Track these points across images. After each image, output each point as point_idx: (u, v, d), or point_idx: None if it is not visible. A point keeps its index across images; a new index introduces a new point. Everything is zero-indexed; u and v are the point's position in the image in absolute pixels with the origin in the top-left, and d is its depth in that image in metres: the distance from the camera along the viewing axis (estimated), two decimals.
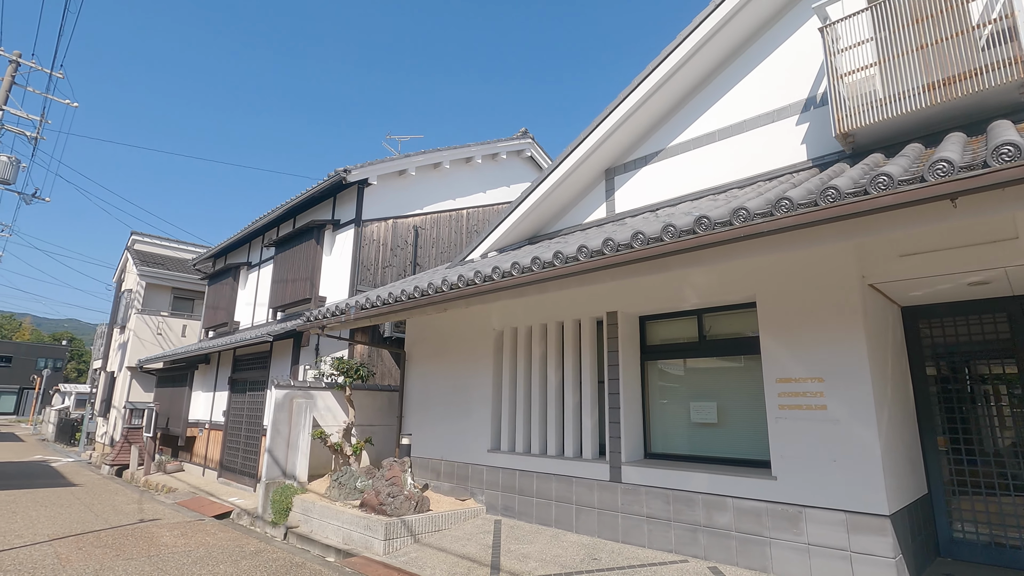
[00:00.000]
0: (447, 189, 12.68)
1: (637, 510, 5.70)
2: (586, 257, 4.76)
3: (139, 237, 20.41)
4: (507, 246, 8.24)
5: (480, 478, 7.46)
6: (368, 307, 7.21)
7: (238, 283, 14.65)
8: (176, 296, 19.31)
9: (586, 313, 6.72)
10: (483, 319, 7.97)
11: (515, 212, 7.85)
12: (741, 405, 5.59)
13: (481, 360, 7.85)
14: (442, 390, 8.37)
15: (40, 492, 10.59)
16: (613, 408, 6.16)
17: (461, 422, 7.94)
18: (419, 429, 8.57)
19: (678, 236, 4.12)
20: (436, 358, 8.61)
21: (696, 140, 6.64)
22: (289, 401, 8.66)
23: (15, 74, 15.17)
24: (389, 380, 10.50)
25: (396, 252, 11.45)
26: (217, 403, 12.35)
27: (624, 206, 7.21)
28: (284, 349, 10.10)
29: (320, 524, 7.17)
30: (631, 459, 6.01)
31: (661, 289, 6.03)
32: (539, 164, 14.76)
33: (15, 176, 14.85)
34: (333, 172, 10.52)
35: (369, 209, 11.06)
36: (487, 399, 7.64)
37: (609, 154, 7.31)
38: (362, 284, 10.60)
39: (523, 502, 6.82)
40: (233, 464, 11.02)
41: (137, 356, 17.26)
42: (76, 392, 26.73)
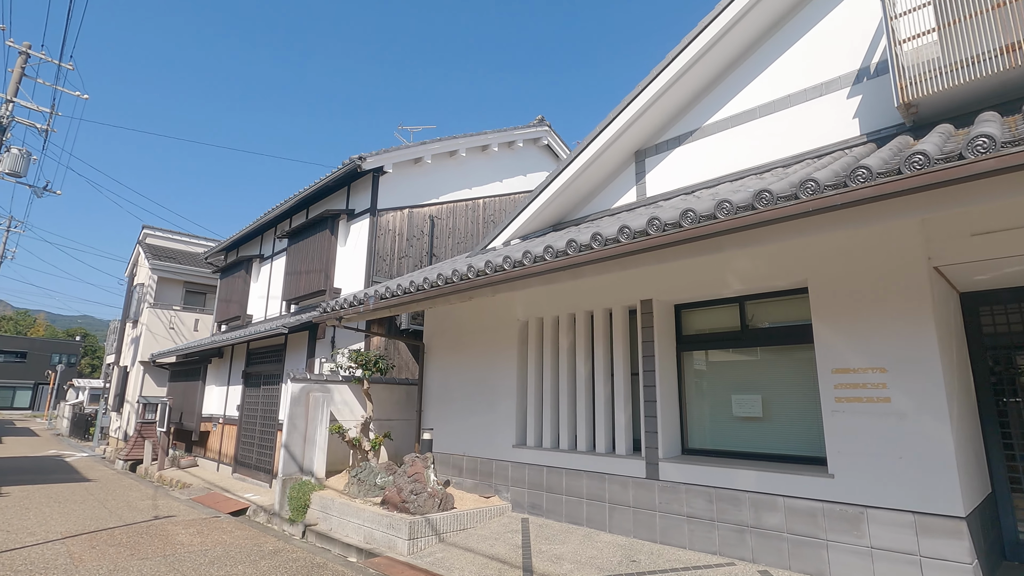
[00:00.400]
0: (463, 178, 12.35)
1: (676, 509, 5.37)
2: (628, 238, 4.41)
3: (150, 231, 20.28)
4: (530, 233, 7.91)
5: (505, 474, 7.16)
6: (388, 296, 6.92)
7: (250, 276, 14.44)
8: (188, 290, 19.17)
9: (618, 302, 6.38)
10: (506, 309, 7.65)
11: (539, 198, 7.52)
12: (789, 398, 5.24)
13: (505, 352, 7.54)
14: (463, 383, 8.08)
15: (54, 488, 10.44)
16: (649, 402, 5.82)
17: (484, 416, 7.65)
18: (439, 424, 8.29)
19: (734, 213, 3.77)
20: (457, 350, 8.31)
21: (735, 118, 6.26)
22: (306, 395, 8.40)
23: (25, 65, 15.00)
24: (406, 373, 10.23)
25: (412, 242, 11.16)
26: (231, 397, 12.15)
27: (656, 189, 6.85)
28: (299, 342, 9.86)
29: (340, 522, 6.91)
30: (668, 455, 5.68)
31: (700, 276, 5.68)
32: (556, 153, 14.40)
33: (26, 169, 14.70)
34: (348, 160, 10.23)
35: (384, 198, 10.77)
36: (512, 392, 7.33)
37: (639, 135, 6.94)
38: (378, 275, 10.32)
39: (552, 500, 6.52)
40: (248, 459, 10.81)
41: (150, 350, 17.14)
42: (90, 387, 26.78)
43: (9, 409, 45.72)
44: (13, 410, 45.72)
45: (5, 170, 14.36)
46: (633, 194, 7.11)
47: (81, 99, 16.13)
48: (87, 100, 16.22)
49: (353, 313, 7.63)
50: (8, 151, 14.47)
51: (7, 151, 14.51)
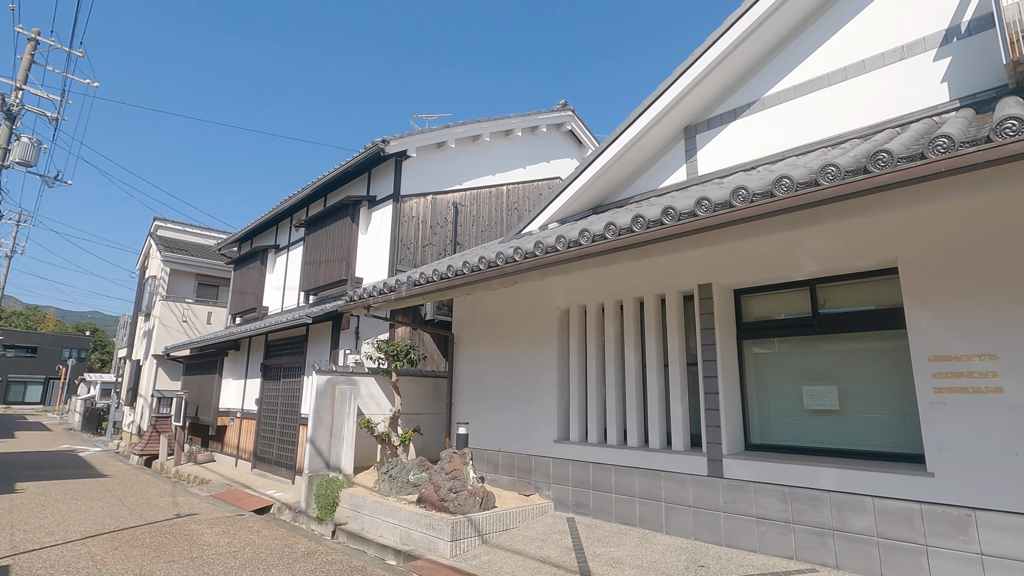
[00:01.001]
0: (487, 164, 11.92)
1: (745, 509, 4.95)
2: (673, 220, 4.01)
3: (162, 223, 19.97)
4: (569, 217, 7.48)
5: (546, 471, 6.76)
6: (423, 282, 6.51)
7: (266, 267, 14.08)
8: (200, 283, 18.85)
9: (671, 287, 5.94)
10: (544, 297, 7.24)
11: (579, 179, 7.08)
12: (872, 389, 4.80)
13: (544, 342, 7.13)
14: (498, 375, 7.68)
15: (70, 484, 10.14)
16: (710, 394, 5.40)
17: (522, 410, 7.25)
18: (472, 418, 7.90)
19: (840, 178, 3.33)
20: (489, 340, 7.91)
21: (800, 87, 5.80)
22: (331, 387, 8.03)
23: (34, 52, 14.66)
24: (431, 365, 9.84)
25: (436, 230, 10.74)
26: (249, 391, 11.81)
27: (710, 167, 6.40)
28: (322, 333, 9.48)
29: (372, 521, 6.54)
30: (732, 451, 5.26)
31: (763, 258, 5.24)
32: (579, 139, 13.95)
33: (37, 158, 14.39)
34: (370, 143, 9.81)
35: (407, 184, 10.35)
36: (552, 384, 6.93)
37: (690, 109, 6.49)
38: (401, 264, 9.92)
39: (599, 498, 6.11)
40: (268, 455, 10.47)
41: (163, 344, 16.83)
42: (101, 381, 26.59)
43: (20, 404, 45.81)
44: (25, 405, 45.82)
45: (15, 159, 14.05)
46: (683, 173, 6.66)
47: (91, 87, 15.80)
48: (97, 88, 15.86)
49: (383, 301, 7.23)
50: (18, 140, 14.14)
51: (17, 140, 14.20)
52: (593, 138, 14.11)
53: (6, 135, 14.13)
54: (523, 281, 5.75)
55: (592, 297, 6.72)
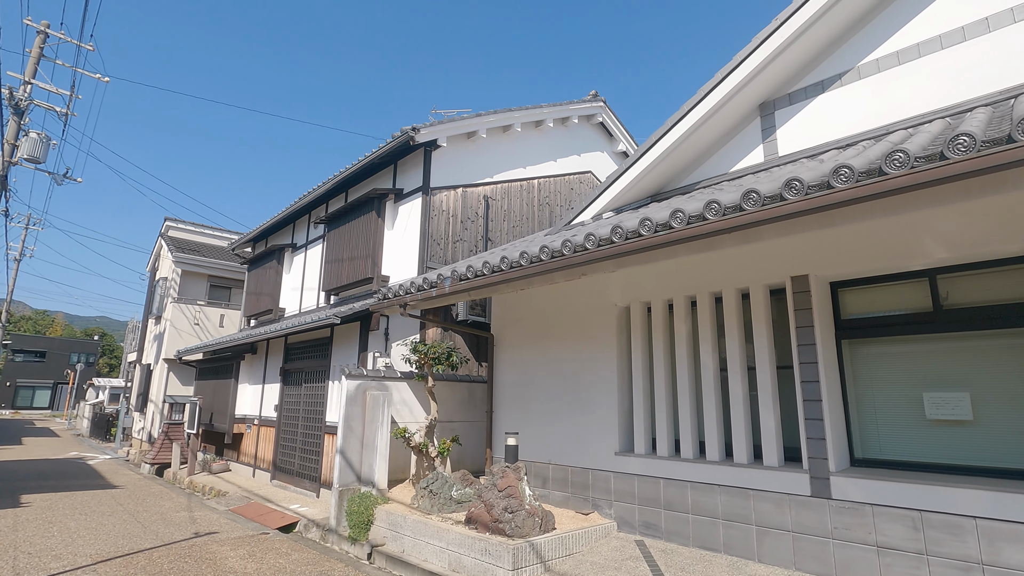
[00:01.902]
0: (517, 156, 11.28)
1: (861, 536, 4.25)
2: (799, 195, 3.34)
3: (173, 223, 19.44)
4: (626, 205, 6.80)
5: (606, 487, 6.07)
6: (471, 276, 5.85)
7: (282, 266, 13.48)
8: (212, 284, 18.28)
9: (756, 280, 5.25)
10: (599, 294, 6.56)
11: (639, 163, 6.40)
12: (1018, 396, 4.09)
13: (600, 343, 6.45)
14: (546, 380, 7.00)
15: (78, 496, 9.52)
16: (811, 401, 4.70)
17: (575, 418, 6.56)
18: (516, 426, 7.22)
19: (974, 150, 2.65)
20: (534, 341, 7.24)
21: (903, 52, 5.11)
22: (362, 393, 7.37)
23: (43, 45, 14.16)
24: (464, 369, 9.16)
25: (466, 225, 10.09)
26: (267, 396, 11.18)
27: (792, 146, 5.71)
28: (348, 334, 8.84)
29: (414, 543, 5.86)
30: (841, 467, 4.55)
31: (870, 244, 4.56)
32: (609, 131, 13.30)
33: (46, 154, 13.87)
34: (399, 131, 9.19)
35: (436, 176, 9.72)
36: (611, 390, 6.24)
37: (769, 83, 5.81)
38: (431, 260, 9.27)
39: (673, 519, 5.41)
40: (288, 465, 9.81)
41: (175, 347, 16.26)
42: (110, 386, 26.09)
43: (29, 409, 45.44)
44: (33, 410, 45.44)
45: (24, 155, 13.53)
46: (759, 154, 5.98)
47: (102, 82, 15.29)
48: (107, 83, 15.36)
49: (422, 298, 6.57)
50: (27, 135, 13.63)
51: (25, 135, 13.69)
52: (625, 131, 13.45)
53: (14, 131, 13.61)
54: (592, 273, 5.07)
55: (658, 293, 6.03)
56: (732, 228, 3.90)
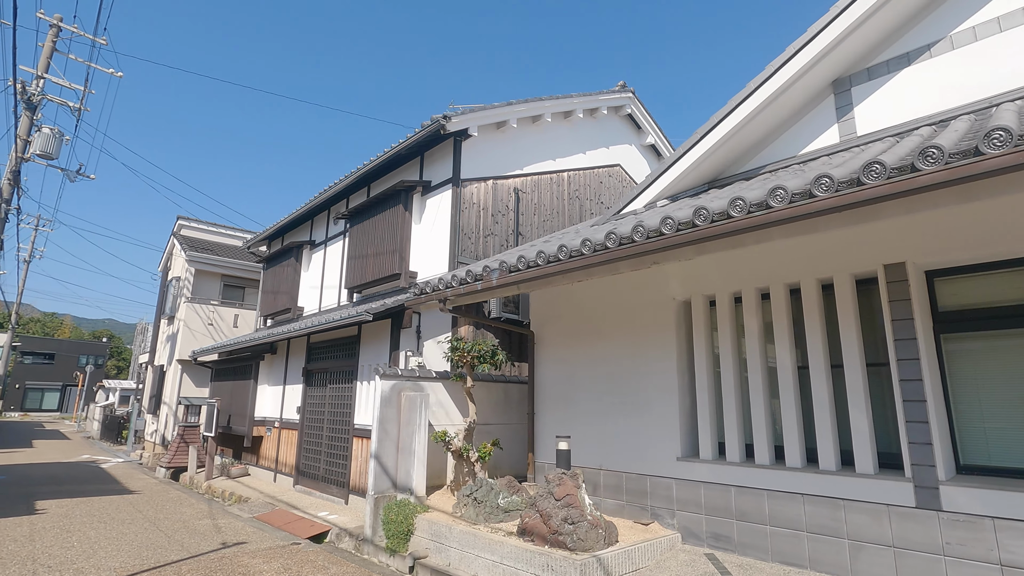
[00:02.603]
0: (546, 148, 10.86)
1: (980, 554, 3.79)
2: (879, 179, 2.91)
3: (185, 222, 19.11)
4: (681, 192, 6.36)
5: (667, 494, 5.62)
6: (523, 268, 5.42)
7: (300, 264, 13.09)
8: (226, 284, 17.93)
9: (841, 269, 4.81)
10: (654, 287, 6.12)
11: (698, 147, 5.95)
12: None
13: (656, 339, 6.01)
14: (593, 379, 6.57)
15: (95, 501, 9.13)
16: (912, 402, 4.24)
17: (628, 420, 6.12)
18: (560, 429, 6.79)
19: None
20: (580, 339, 6.80)
21: (1004, 19, 4.66)
22: (397, 394, 6.95)
23: (56, 39, 13.85)
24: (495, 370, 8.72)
25: (497, 218, 9.67)
26: (288, 398, 10.77)
27: (873, 125, 5.26)
28: (377, 333, 8.43)
29: (462, 556, 5.43)
30: (950, 475, 4.10)
31: (976, 228, 4.11)
32: (638, 123, 12.86)
33: (59, 150, 13.54)
34: (429, 120, 8.78)
35: (466, 167, 9.30)
36: (670, 390, 5.80)
37: (846, 57, 5.36)
38: (462, 255, 8.85)
39: (748, 531, 4.96)
40: (313, 470, 9.40)
41: (189, 348, 15.90)
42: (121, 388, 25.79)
43: (38, 411, 45.28)
44: (41, 412, 45.28)
45: (36, 151, 13.19)
46: (833, 134, 5.52)
47: (115, 77, 14.98)
48: (121, 78, 15.05)
49: (465, 292, 6.15)
50: (39, 130, 13.31)
51: (38, 131, 13.37)
52: (654, 123, 13.01)
53: (27, 126, 13.30)
54: (666, 261, 4.63)
55: (723, 285, 5.59)
56: (841, 207, 3.47)
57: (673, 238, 4.26)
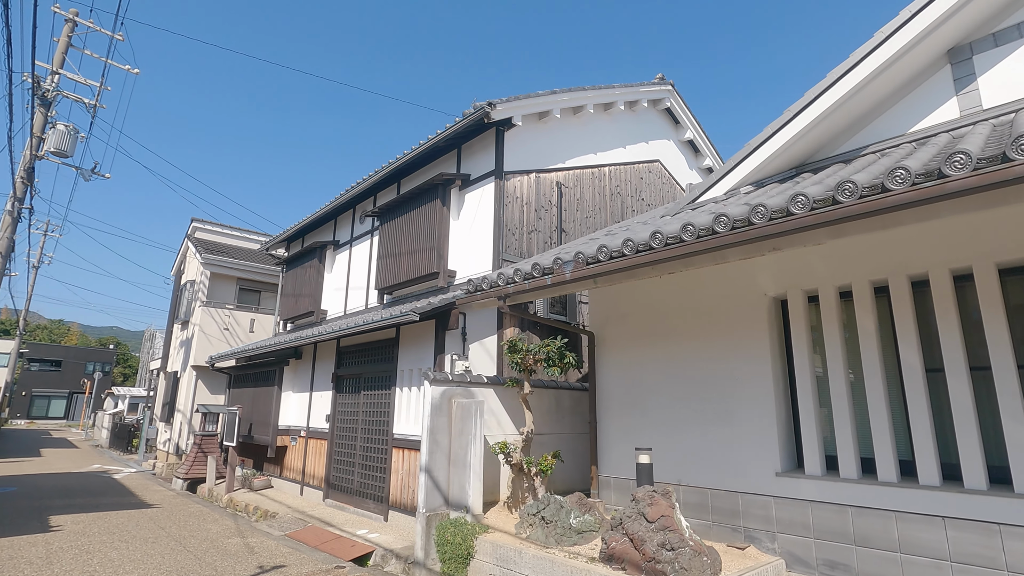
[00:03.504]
0: (588, 141, 10.30)
1: None
2: None
3: (200, 224, 18.61)
4: (768, 177, 5.76)
5: (764, 514, 4.99)
6: (603, 259, 4.83)
7: (324, 265, 12.53)
8: (242, 287, 17.38)
9: (981, 255, 4.20)
10: (741, 282, 5.52)
11: (791, 125, 5.36)
12: None
13: (746, 340, 5.40)
14: (666, 384, 5.96)
15: (112, 517, 8.53)
16: None
17: (712, 430, 5.50)
18: (628, 439, 6.18)
19: None
20: (652, 340, 6.20)
21: None
22: (448, 401, 6.35)
23: (71, 34, 13.40)
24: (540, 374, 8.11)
25: (540, 214, 9.10)
26: (316, 405, 10.17)
27: (1003, 96, 4.66)
28: (418, 335, 7.83)
29: None
30: None
31: None
32: (676, 118, 12.30)
33: (73, 147, 13.06)
34: (471, 108, 8.23)
35: (508, 159, 8.73)
36: (764, 396, 5.18)
37: (968, 21, 4.77)
38: (507, 252, 8.27)
39: (871, 559, 4.32)
40: (345, 483, 8.78)
41: (204, 353, 15.33)
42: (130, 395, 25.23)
43: (44, 419, 44.77)
44: (48, 420, 44.77)
45: (51, 148, 12.71)
46: (951, 108, 4.92)
47: (132, 74, 14.52)
48: (138, 75, 14.59)
49: (532, 287, 5.56)
50: (54, 127, 12.84)
51: (52, 127, 12.90)
52: (693, 118, 12.46)
53: (41, 123, 12.82)
54: (791, 247, 4.02)
55: (828, 278, 4.98)
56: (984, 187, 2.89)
57: (804, 218, 3.66)
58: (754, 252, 4.14)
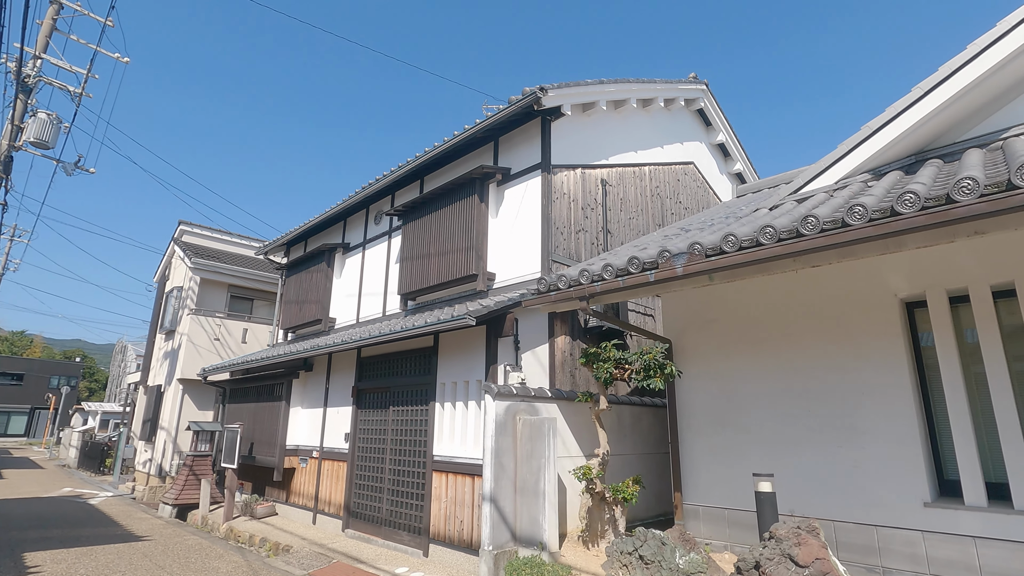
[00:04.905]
0: (628, 138, 9.66)
1: None
2: None
3: (188, 227, 17.43)
4: (884, 166, 5.12)
5: (911, 552, 4.25)
6: (730, 251, 4.08)
7: (332, 270, 11.58)
8: (233, 295, 16.21)
9: None
10: (865, 282, 4.84)
11: (919, 105, 4.74)
12: None
13: (874, 346, 4.71)
14: (768, 397, 5.23)
15: (99, 553, 7.38)
16: None
17: (836, 451, 4.76)
18: (719, 460, 5.41)
19: None
20: (750, 348, 5.48)
21: None
22: (512, 419, 5.50)
23: (57, 17, 12.34)
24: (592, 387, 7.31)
25: (587, 212, 8.37)
26: (332, 423, 9.16)
27: None
28: (462, 343, 6.96)
29: None
30: None
31: None
32: (708, 119, 11.78)
33: (55, 138, 11.94)
34: (520, 94, 7.50)
35: (554, 152, 8.00)
36: (905, 410, 4.48)
37: None
38: (555, 253, 7.50)
39: None
40: (371, 511, 7.79)
41: (193, 365, 14.14)
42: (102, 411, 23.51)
43: (3, 436, 41.96)
44: (7, 437, 41.95)
45: (30, 139, 11.58)
46: None
47: (122, 63, 13.44)
48: (128, 63, 13.52)
49: (627, 285, 4.78)
50: (34, 115, 11.71)
51: (32, 115, 11.77)
52: (725, 119, 11.95)
53: (20, 111, 11.70)
54: (993, 231, 3.33)
55: (979, 275, 4.33)
56: None
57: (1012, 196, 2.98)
58: (942, 238, 3.45)
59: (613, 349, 5.39)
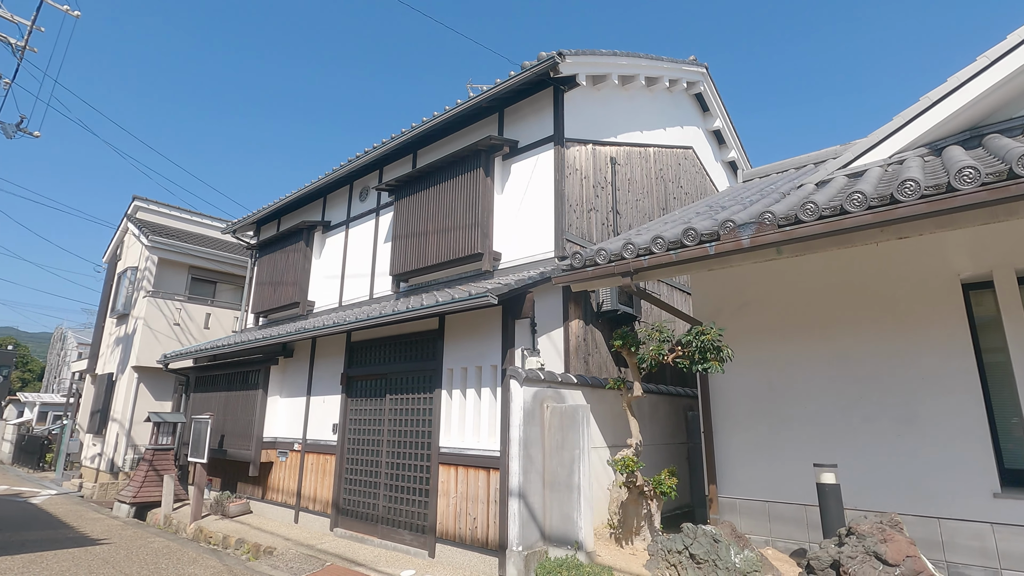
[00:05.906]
0: (633, 117, 9.28)
1: None
2: None
3: (143, 203, 16.06)
4: (939, 141, 4.86)
5: (980, 546, 4.02)
6: (806, 219, 3.70)
7: (311, 250, 10.77)
8: (194, 277, 15.06)
9: None
10: (922, 262, 4.58)
11: (986, 74, 4.48)
12: None
13: (935, 330, 4.45)
14: (823, 386, 4.94)
15: (50, 560, 6.50)
16: None
17: (895, 441, 4.50)
18: (760, 453, 5.09)
19: None
20: (791, 334, 5.16)
21: None
22: (540, 407, 5.01)
23: None
24: (604, 372, 6.91)
25: (597, 191, 7.94)
26: (315, 413, 8.43)
27: None
28: (472, 326, 6.40)
29: None
30: None
31: None
32: (706, 104, 11.55)
33: None
34: (536, 59, 6.96)
35: (566, 125, 7.51)
36: (971, 397, 4.24)
37: None
38: (568, 232, 7.03)
39: None
40: (365, 507, 7.16)
41: (151, 352, 13.03)
42: (40, 403, 21.68)
43: None
44: None
45: None
46: None
47: (71, 16, 12.11)
48: (78, 18, 12.21)
49: (682, 257, 4.35)
50: None
51: None
52: (723, 105, 11.74)
53: None
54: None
55: None
56: None
57: None
58: None
59: (657, 326, 4.95)
